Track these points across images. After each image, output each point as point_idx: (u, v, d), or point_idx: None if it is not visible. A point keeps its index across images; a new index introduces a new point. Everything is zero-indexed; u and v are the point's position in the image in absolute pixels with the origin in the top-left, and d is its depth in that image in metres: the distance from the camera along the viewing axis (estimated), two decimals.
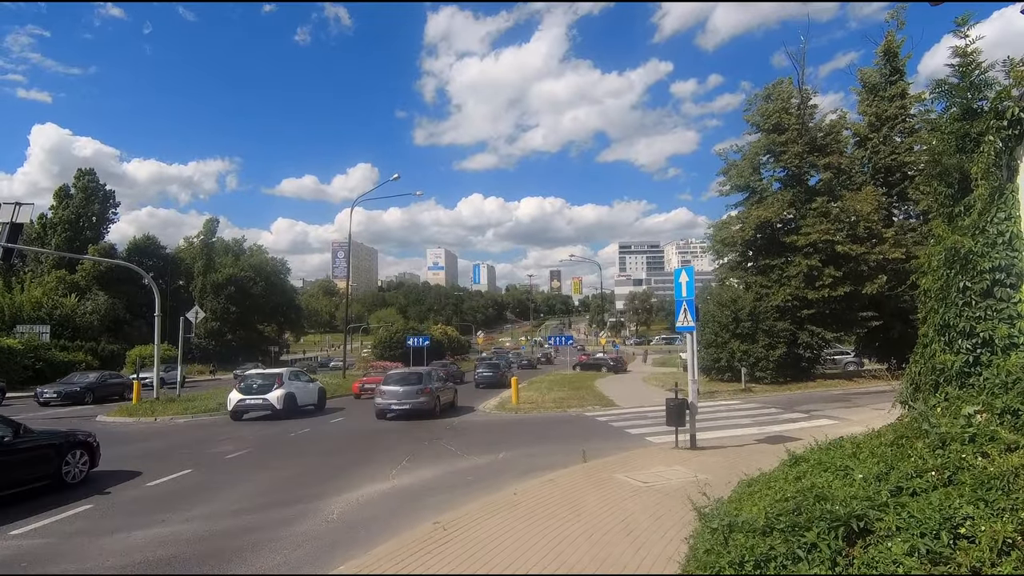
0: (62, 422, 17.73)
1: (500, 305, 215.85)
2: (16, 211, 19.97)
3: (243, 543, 5.99)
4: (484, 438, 12.79)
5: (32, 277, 50.58)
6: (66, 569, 5.36)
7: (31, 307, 42.41)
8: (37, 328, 38.06)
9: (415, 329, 59.91)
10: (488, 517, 6.26)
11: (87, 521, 6.89)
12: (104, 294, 50.65)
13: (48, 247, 51.16)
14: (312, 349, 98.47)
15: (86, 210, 57.54)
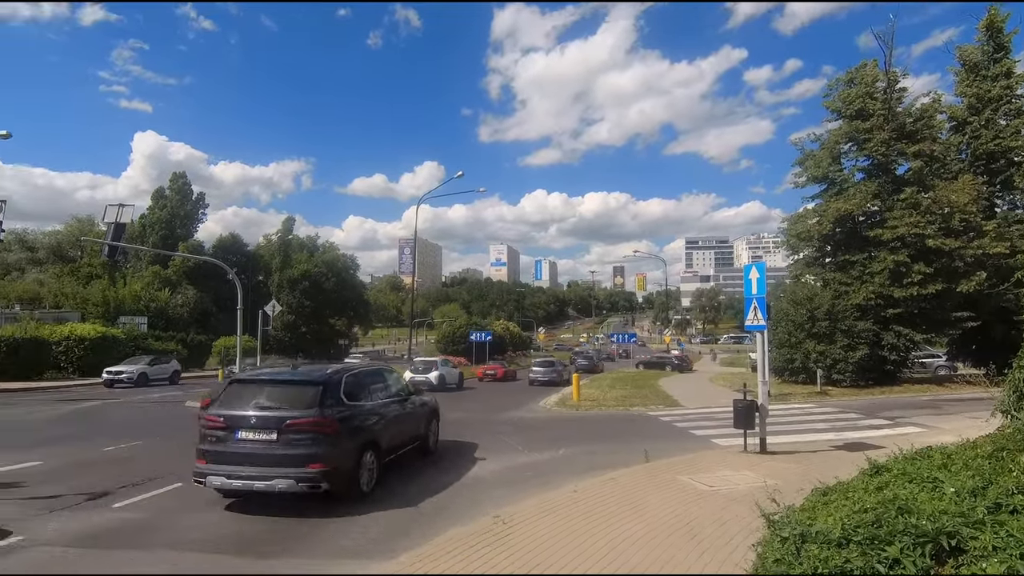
0: (153, 407, 19.27)
1: (562, 301, 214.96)
2: (119, 212, 21.88)
3: (314, 524, 6.27)
4: (544, 434, 12.78)
5: (132, 272, 55.28)
6: (155, 540, 5.81)
7: (131, 300, 46.34)
8: (136, 319, 41.62)
9: (478, 324, 60.75)
10: (547, 513, 6.26)
11: (178, 499, 7.45)
12: (193, 288, 54.60)
13: (146, 245, 55.61)
14: (380, 342, 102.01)
15: (179, 210, 62.20)
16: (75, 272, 55.71)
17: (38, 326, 31.93)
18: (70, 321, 36.33)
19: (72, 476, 8.51)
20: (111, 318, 40.86)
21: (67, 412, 17.02)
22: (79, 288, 48.71)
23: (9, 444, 11.17)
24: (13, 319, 33.97)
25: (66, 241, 64.75)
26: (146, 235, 59.20)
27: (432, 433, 10.31)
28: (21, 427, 13.91)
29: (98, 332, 32.98)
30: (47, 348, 30.09)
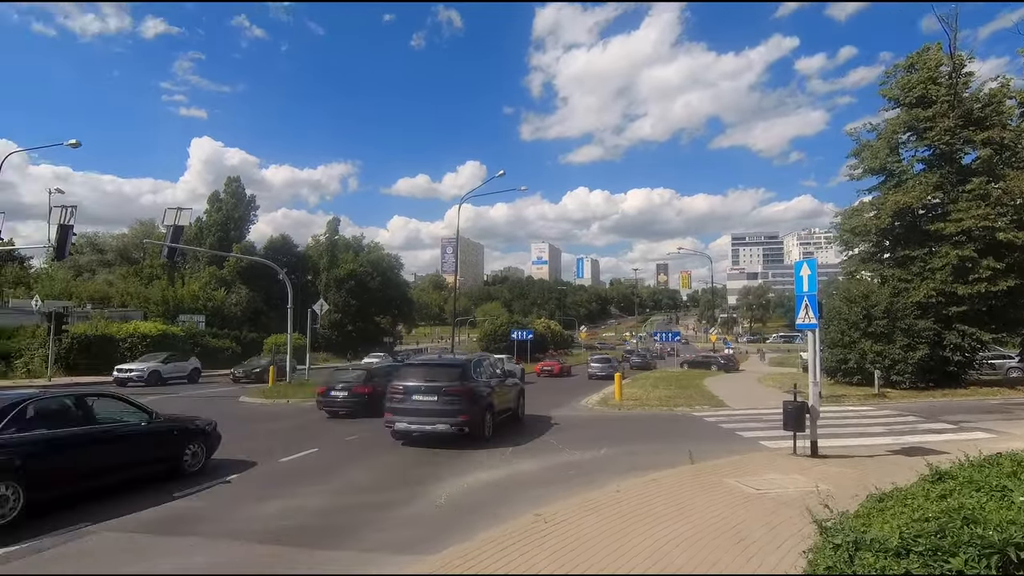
0: (214, 402, 20.16)
1: (604, 300, 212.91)
2: (178, 215, 22.97)
3: (360, 520, 6.45)
4: (585, 434, 12.70)
5: (191, 273, 58.01)
6: (209, 531, 6.08)
7: (190, 299, 48.66)
8: (195, 318, 43.70)
9: (519, 323, 60.90)
10: (589, 513, 6.22)
11: (233, 489, 7.78)
12: (246, 288, 56.86)
13: (203, 246, 58.23)
14: (424, 340, 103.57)
15: (233, 213, 64.83)
16: (139, 273, 58.84)
17: (106, 324, 33.93)
18: (134, 319, 38.46)
19: None
20: (171, 316, 43.03)
21: None
22: (142, 288, 51.47)
23: None
24: (85, 317, 36.19)
25: (131, 243, 68.47)
26: (203, 237, 61.98)
27: (520, 406, 14.44)
28: None
29: (159, 330, 34.80)
30: (114, 345, 31.93)
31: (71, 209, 22.66)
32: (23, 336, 29.84)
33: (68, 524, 6.12)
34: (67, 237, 22.80)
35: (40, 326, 29.23)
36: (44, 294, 34.02)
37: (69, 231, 22.92)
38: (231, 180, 67.69)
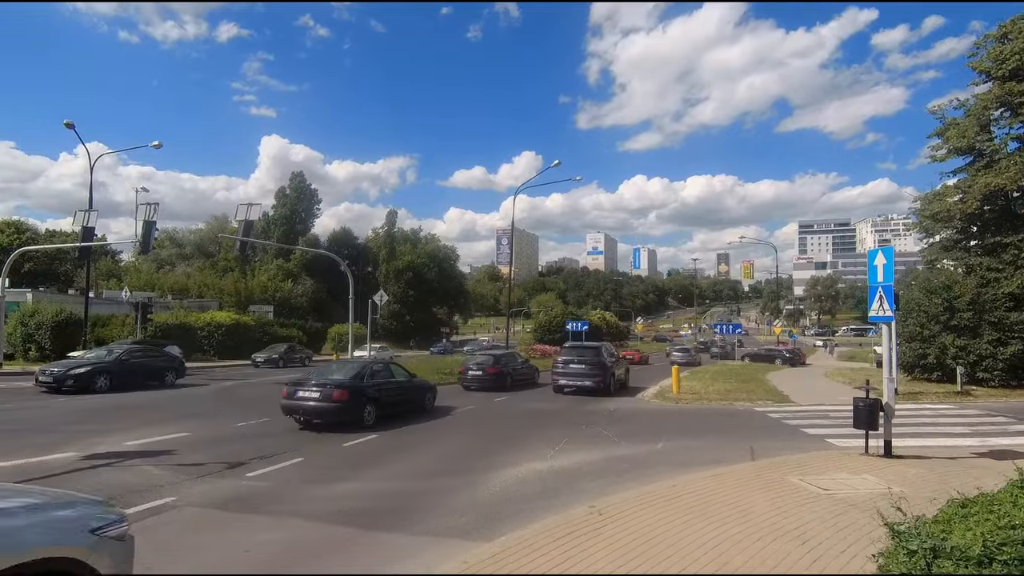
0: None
1: (661, 291, 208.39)
2: (248, 211, 24.21)
3: (419, 504, 6.64)
4: (641, 427, 12.52)
5: (260, 265, 61.10)
6: (278, 510, 6.42)
7: (260, 290, 51.30)
8: (264, 308, 46.05)
9: (574, 314, 60.52)
10: (644, 507, 6.14)
11: (299, 472, 8.19)
12: (311, 279, 59.34)
13: (271, 240, 61.22)
14: (480, 331, 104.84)
15: (298, 207, 67.70)
16: (214, 265, 62.54)
17: (185, 314, 36.30)
18: (210, 309, 40.95)
19: (213, 447, 9.61)
20: (243, 306, 45.53)
21: (208, 391, 19.23)
22: (216, 279, 54.69)
23: (163, 418, 12.83)
24: (166, 308, 38.86)
25: (206, 238, 72.81)
26: (271, 231, 65.10)
27: (627, 378, 21.47)
28: (172, 403, 15.92)
29: (232, 319, 36.87)
30: (193, 333, 34.11)
31: (154, 206, 24.36)
32: (115, 324, 32.35)
33: (156, 499, 6.62)
34: (151, 233, 24.54)
35: (129, 315, 31.61)
36: (132, 285, 36.78)
37: (152, 227, 24.64)
38: (295, 176, 70.60)
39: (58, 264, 45.85)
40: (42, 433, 10.49)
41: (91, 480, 7.31)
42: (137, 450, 9.17)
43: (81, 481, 7.22)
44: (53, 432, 10.61)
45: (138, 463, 8.35)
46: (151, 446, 9.49)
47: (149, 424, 11.70)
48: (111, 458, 8.58)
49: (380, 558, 5.06)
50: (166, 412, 13.80)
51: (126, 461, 8.44)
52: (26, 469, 7.76)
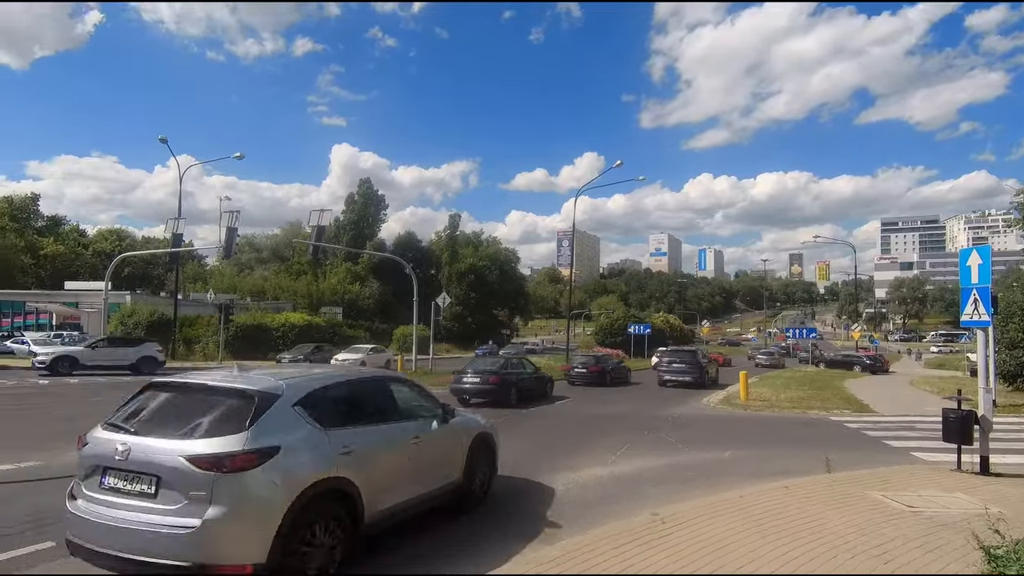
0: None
1: (728, 293, 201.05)
2: (320, 217, 25.44)
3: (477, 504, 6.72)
4: (706, 434, 12.13)
5: (330, 269, 63.85)
6: None
7: (330, 292, 53.66)
8: (334, 309, 48.13)
9: (636, 317, 59.42)
10: (710, 517, 5.94)
11: None
12: (377, 282, 61.39)
13: (340, 244, 63.86)
14: (541, 333, 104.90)
15: (365, 213, 70.24)
16: (288, 269, 65.89)
17: (262, 315, 38.49)
18: (284, 310, 43.21)
19: None
20: (314, 308, 47.76)
21: None
22: (290, 282, 57.63)
23: None
24: (244, 309, 41.34)
25: (282, 243, 76.83)
26: (340, 236, 67.88)
27: (717, 375, 25.67)
28: None
29: (305, 320, 38.77)
30: (268, 333, 36.13)
31: (236, 214, 26.04)
32: (201, 324, 34.77)
33: None
34: (232, 239, 26.24)
35: (213, 316, 33.88)
36: (215, 288, 39.42)
37: (234, 233, 26.34)
38: (363, 182, 73.30)
39: (152, 268, 49.97)
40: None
41: None
42: None
43: None
44: None
45: None
46: None
47: None
48: None
49: (439, 555, 5.17)
50: None
51: None
52: None
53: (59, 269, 61.30)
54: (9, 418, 12.31)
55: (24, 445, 9.08)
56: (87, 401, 15.05)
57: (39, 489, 6.77)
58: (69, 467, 7.62)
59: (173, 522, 3.64)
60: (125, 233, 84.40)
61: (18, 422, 11.82)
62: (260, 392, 4.19)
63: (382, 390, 5.53)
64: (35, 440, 9.61)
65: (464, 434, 6.33)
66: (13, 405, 14.24)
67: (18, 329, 36.21)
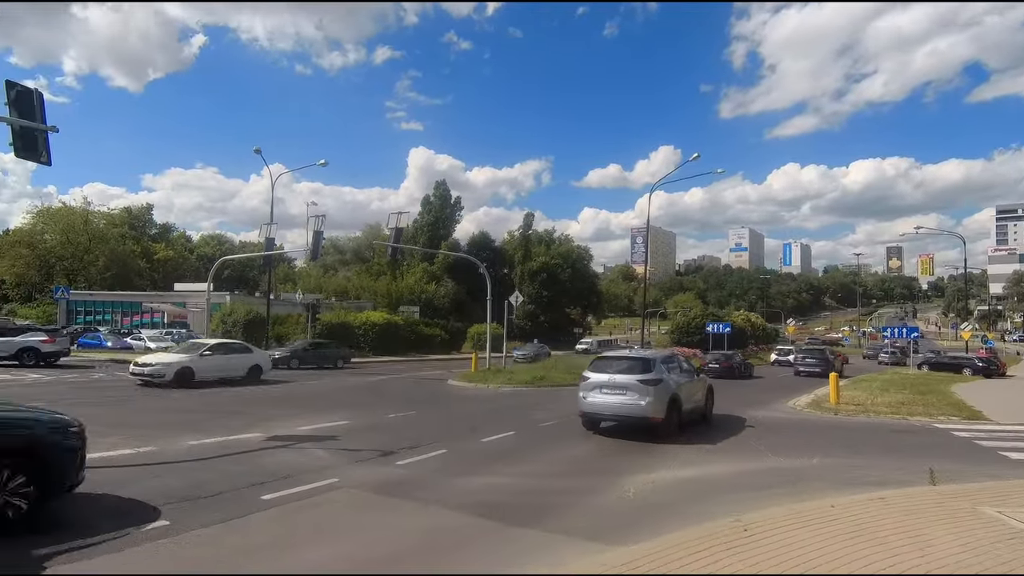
0: (423, 384, 22.67)
1: (816, 289, 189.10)
2: (398, 219, 26.39)
3: (553, 503, 6.75)
4: (792, 439, 11.49)
5: (407, 269, 66.08)
6: (423, 496, 6.90)
7: (407, 292, 55.52)
8: (412, 308, 49.77)
9: (714, 315, 57.21)
10: (797, 527, 5.63)
11: (442, 463, 8.74)
12: (452, 282, 62.82)
13: (417, 245, 65.88)
14: (615, 332, 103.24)
15: (440, 214, 72.03)
16: (369, 270, 68.82)
17: (345, 313, 40.48)
18: (365, 309, 45.21)
19: (368, 435, 10.62)
20: (393, 307, 49.61)
21: (363, 383, 21.25)
22: (371, 282, 60.17)
23: (327, 407, 14.45)
24: (329, 308, 43.64)
25: (363, 244, 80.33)
26: (417, 237, 69.98)
27: (843, 368, 30.95)
28: (333, 394, 17.85)
29: (384, 319, 40.37)
30: (351, 331, 37.93)
31: (321, 218, 27.50)
32: (290, 323, 37.08)
33: (323, 479, 7.49)
34: (319, 241, 27.73)
35: (301, 315, 36.03)
36: (303, 288, 41.89)
37: (320, 236, 27.83)
38: (438, 184, 75.15)
39: (248, 270, 53.83)
40: (233, 416, 12.38)
41: (275, 458, 8.49)
42: (307, 434, 10.44)
43: (267, 459, 8.43)
44: (241, 415, 12.47)
45: (308, 446, 9.49)
46: (318, 432, 10.75)
47: (316, 411, 13.25)
48: (287, 440, 9.86)
49: (513, 553, 5.23)
50: (329, 401, 15.53)
51: (298, 444, 9.65)
52: (226, 445, 9.21)
53: (169, 272, 67.42)
54: (122, 408, 13.72)
55: (140, 433, 10.09)
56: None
57: (154, 472, 7.52)
58: (180, 453, 8.47)
59: (635, 402, 10.65)
60: (224, 238, 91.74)
61: (130, 413, 13.15)
62: (647, 358, 11.62)
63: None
64: (150, 428, 10.66)
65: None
66: (125, 397, 15.85)
67: (136, 327, 40.23)
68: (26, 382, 17.40)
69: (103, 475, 7.05)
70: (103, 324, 41.94)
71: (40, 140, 9.75)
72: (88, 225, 59.72)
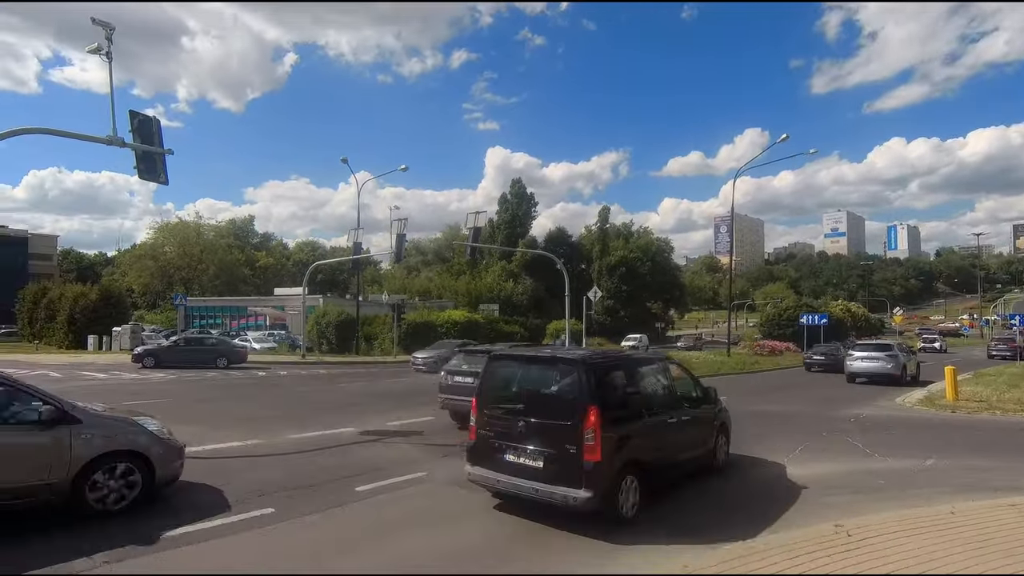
0: None
1: (927, 274, 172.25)
2: (476, 219, 26.89)
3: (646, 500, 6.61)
4: (902, 438, 10.57)
5: (486, 267, 67.21)
6: None
7: (487, 290, 56.53)
8: (491, 306, 50.63)
9: (809, 306, 53.61)
10: (909, 534, 5.19)
11: None
12: (530, 279, 63.17)
13: (495, 244, 66.84)
14: (700, 325, 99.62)
15: (517, 211, 72.65)
16: (449, 270, 70.70)
17: (428, 313, 41.83)
18: (447, 308, 46.49)
19: (452, 432, 10.90)
20: (473, 305, 50.68)
21: None
22: (452, 282, 61.82)
23: (416, 403, 14.98)
24: (413, 308, 45.27)
25: (443, 245, 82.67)
26: (495, 235, 70.98)
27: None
28: (421, 390, 18.47)
29: (465, 317, 41.29)
30: (434, 329, 39.09)
31: (404, 221, 28.56)
32: (378, 323, 38.84)
33: (412, 473, 7.80)
34: (402, 244, 28.84)
35: (387, 315, 37.64)
36: (389, 290, 43.75)
37: (403, 239, 28.93)
38: (514, 182, 75.81)
39: (339, 274, 56.97)
40: (329, 411, 13.15)
41: (367, 452, 8.96)
42: (396, 430, 10.91)
43: (359, 453, 8.91)
44: (336, 411, 13.23)
45: (397, 441, 9.92)
46: (406, 427, 11.20)
47: (404, 408, 13.79)
48: (378, 435, 10.35)
49: (600, 552, 5.19)
50: (417, 399, 16.10)
51: (388, 439, 10.10)
52: (320, 441, 9.82)
53: (270, 278, 72.74)
54: (228, 402, 14.96)
55: (246, 427, 10.97)
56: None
57: (258, 464, 8.16)
58: (285, 446, 9.13)
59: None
60: (317, 244, 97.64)
61: (239, 407, 14.31)
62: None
63: None
64: (254, 422, 11.57)
65: None
66: (232, 394, 17.27)
67: (243, 330, 43.77)
68: (152, 380, 19.43)
69: (216, 465, 7.75)
70: (214, 327, 45.94)
71: (159, 162, 10.88)
72: (200, 237, 65.73)
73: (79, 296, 38.49)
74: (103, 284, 48.56)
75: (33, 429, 5.43)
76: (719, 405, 8.13)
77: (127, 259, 69.52)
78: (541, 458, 5.71)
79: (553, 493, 5.57)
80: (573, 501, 5.45)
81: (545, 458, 5.69)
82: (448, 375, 11.93)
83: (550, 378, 6.21)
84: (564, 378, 6.04)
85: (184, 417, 10.78)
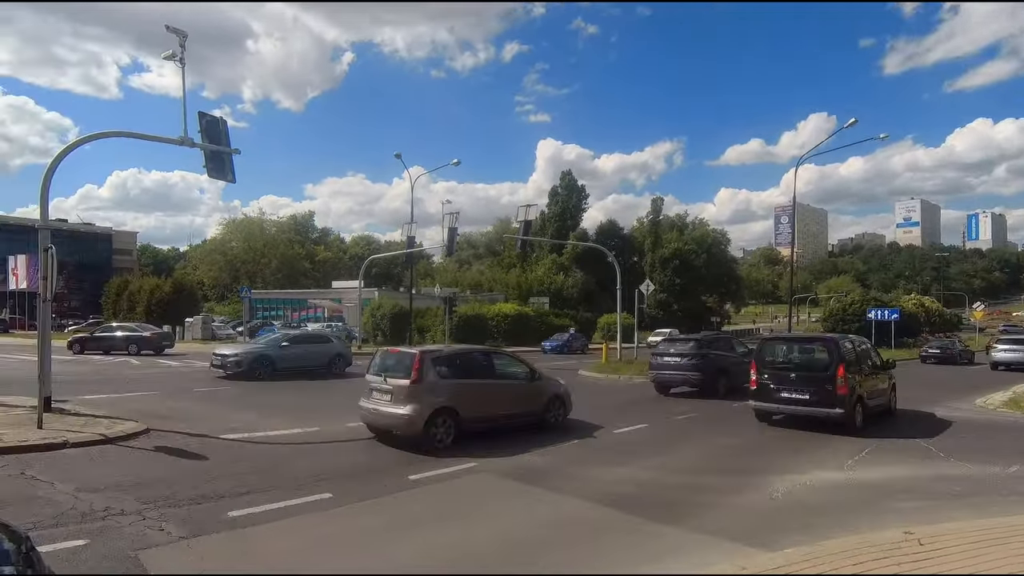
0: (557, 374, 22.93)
1: (1015, 267, 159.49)
2: (526, 212, 26.88)
3: (689, 500, 6.49)
4: (981, 442, 9.87)
5: (537, 261, 67.25)
6: (555, 485, 7.00)
7: (537, 283, 56.59)
8: (541, 299, 50.67)
9: (878, 300, 50.79)
10: (990, 544, 4.85)
11: (577, 453, 8.81)
12: (580, 272, 62.75)
13: (545, 236, 66.77)
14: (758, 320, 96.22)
15: (568, 204, 72.22)
16: (500, 263, 71.19)
17: (480, 305, 42.31)
18: (498, 301, 46.86)
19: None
20: (524, 298, 50.87)
21: None
22: (502, 275, 62.23)
23: None
24: (464, 301, 45.92)
25: (494, 239, 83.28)
26: (545, 228, 70.86)
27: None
28: None
29: (515, 310, 41.49)
30: (485, 322, 39.53)
31: (456, 215, 28.94)
32: (430, 315, 39.62)
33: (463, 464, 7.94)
34: (453, 238, 29.24)
35: (439, 308, 38.29)
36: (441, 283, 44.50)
37: (455, 233, 29.32)
38: (565, 175, 75.33)
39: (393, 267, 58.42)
40: None
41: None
42: None
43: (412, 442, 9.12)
44: None
45: None
46: None
47: None
48: None
49: (655, 551, 5.12)
50: None
51: None
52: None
53: (328, 271, 75.47)
54: (292, 394, 15.62)
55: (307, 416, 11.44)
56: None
57: (316, 451, 8.51)
58: (339, 434, 9.48)
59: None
60: (372, 238, 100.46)
61: (301, 398, 14.93)
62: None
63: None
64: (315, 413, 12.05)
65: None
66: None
67: (304, 321, 45.66)
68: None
69: (277, 451, 8.13)
70: (276, 319, 48.16)
71: (227, 161, 11.44)
72: (263, 233, 68.87)
73: (155, 289, 41.19)
74: (176, 277, 51.70)
75: (526, 381, 10.16)
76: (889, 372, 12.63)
77: (198, 254, 73.84)
78: (807, 393, 10.21)
79: (817, 412, 10.10)
80: (834, 415, 9.97)
81: (811, 393, 10.18)
82: (657, 356, 15.94)
83: (813, 349, 11.24)
84: (821, 348, 10.94)
85: (242, 404, 11.33)
